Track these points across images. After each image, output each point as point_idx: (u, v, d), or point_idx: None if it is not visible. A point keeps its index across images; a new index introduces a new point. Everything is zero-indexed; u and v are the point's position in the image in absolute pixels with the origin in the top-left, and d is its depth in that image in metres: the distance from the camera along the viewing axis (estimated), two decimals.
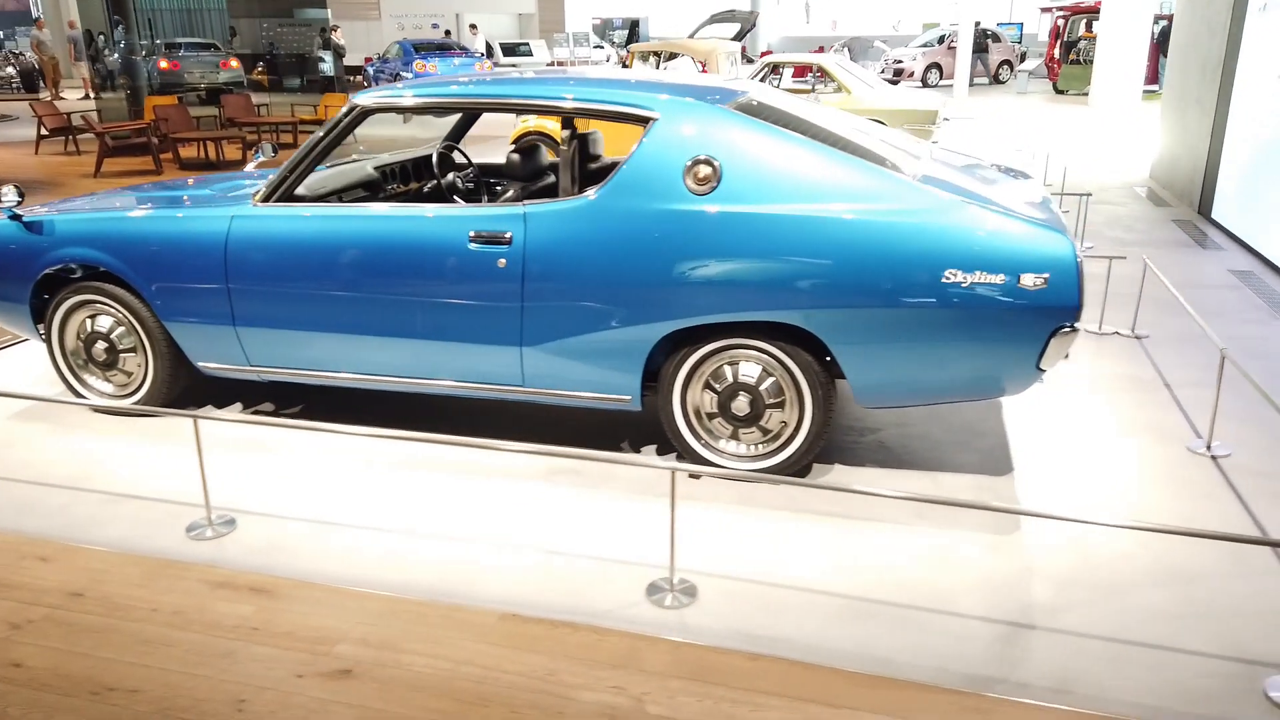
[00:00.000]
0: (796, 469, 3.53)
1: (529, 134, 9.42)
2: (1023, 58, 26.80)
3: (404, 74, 21.95)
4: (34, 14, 30.28)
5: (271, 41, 25.28)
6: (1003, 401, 4.30)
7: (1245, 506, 3.37)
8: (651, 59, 11.07)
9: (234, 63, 20.45)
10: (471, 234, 3.51)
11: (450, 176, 4.43)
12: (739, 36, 22.30)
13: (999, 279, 3.10)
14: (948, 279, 3.13)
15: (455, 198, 4.36)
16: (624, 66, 10.16)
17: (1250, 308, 5.71)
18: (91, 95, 18.31)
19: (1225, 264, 6.75)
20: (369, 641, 2.66)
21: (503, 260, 3.47)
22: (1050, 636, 2.66)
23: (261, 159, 5.07)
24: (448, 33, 26.51)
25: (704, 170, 3.31)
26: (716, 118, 3.40)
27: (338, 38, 20.75)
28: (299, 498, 3.49)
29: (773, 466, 3.52)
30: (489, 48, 24.87)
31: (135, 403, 4.16)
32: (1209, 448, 3.80)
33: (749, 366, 3.45)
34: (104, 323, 4.11)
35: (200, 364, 4.02)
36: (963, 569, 2.99)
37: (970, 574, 2.96)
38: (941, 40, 25.39)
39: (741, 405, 3.48)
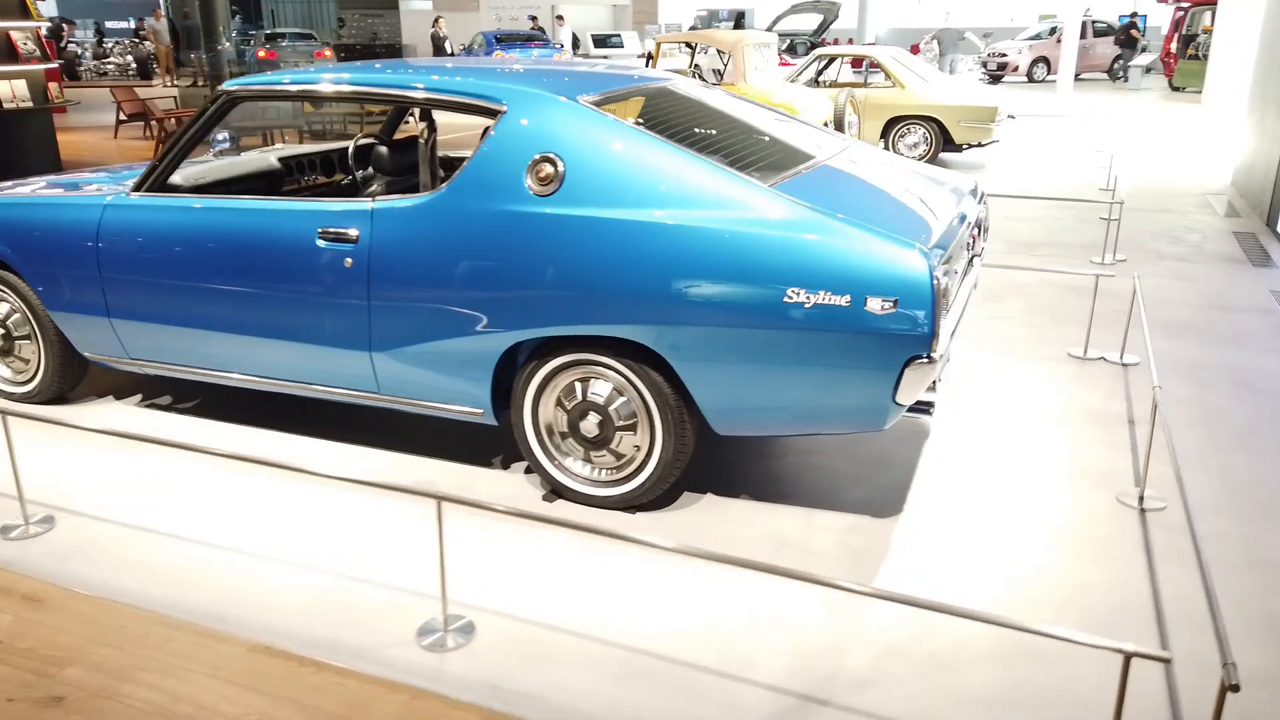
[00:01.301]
0: (649, 499, 3.22)
1: None
2: (1141, 51, 25.27)
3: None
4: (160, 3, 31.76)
5: (374, 32, 25.85)
6: (930, 430, 3.88)
7: (1150, 568, 2.91)
8: (681, 50, 10.71)
9: (327, 52, 20.93)
10: (320, 231, 3.32)
11: (363, 172, 4.25)
12: (821, 29, 21.69)
13: (843, 301, 2.74)
14: (790, 298, 2.78)
15: (366, 195, 4.18)
16: (649, 60, 9.84)
17: (1278, 335, 5.07)
18: (175, 83, 18.98)
19: (1271, 284, 6.05)
20: (103, 666, 2.50)
21: (349, 260, 3.27)
22: (838, 715, 2.30)
23: (223, 146, 5.01)
24: (537, 24, 26.54)
25: (546, 169, 3.03)
26: (564, 112, 3.11)
27: (441, 28, 20.95)
28: (125, 500, 3.36)
29: (625, 495, 3.22)
30: (575, 39, 24.79)
31: (30, 391, 4.14)
32: (1141, 499, 3.32)
33: (601, 385, 3.16)
34: (1, 309, 4.09)
35: (86, 354, 3.96)
36: (776, 628, 2.64)
37: (783, 635, 2.62)
38: (1053, 32, 24.07)
39: (590, 426, 3.19)
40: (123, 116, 13.75)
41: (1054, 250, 6.97)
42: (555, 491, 3.34)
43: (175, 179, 3.84)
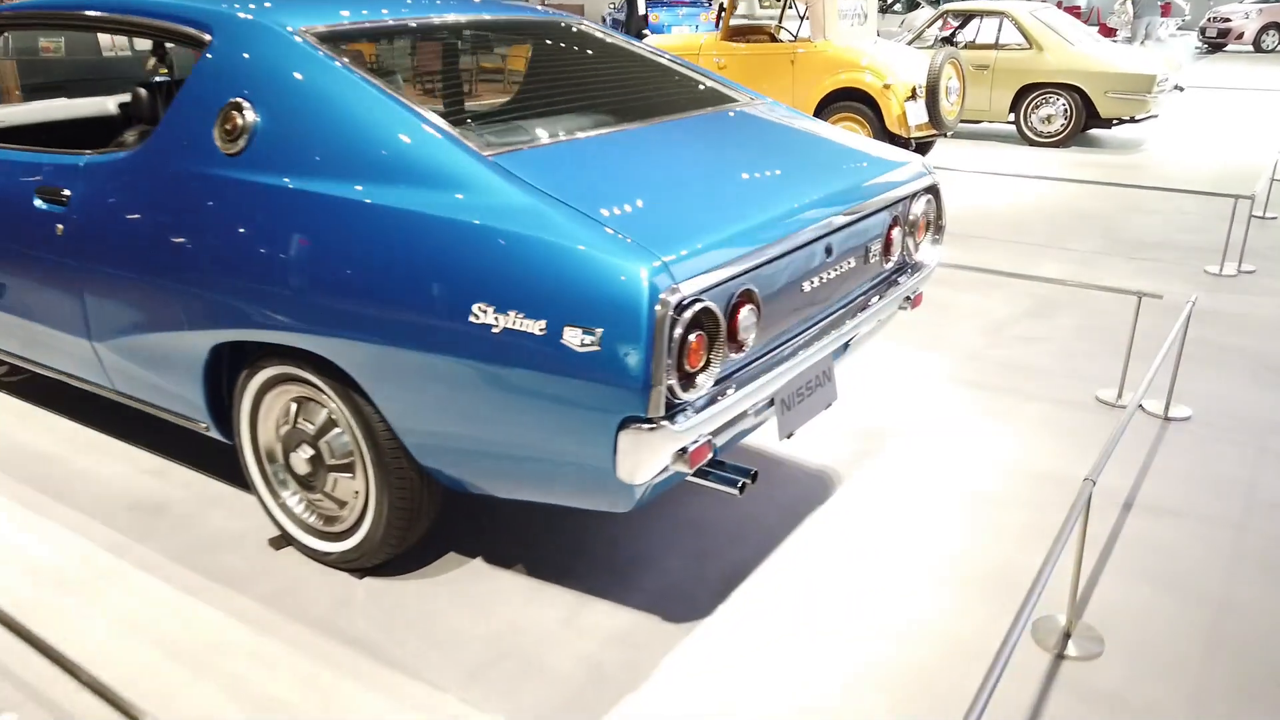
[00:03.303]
0: (374, 562, 2.45)
1: None
2: None
3: (617, 18, 21.11)
4: None
5: None
6: (823, 494, 2.90)
7: None
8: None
9: None
10: (37, 189, 2.71)
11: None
12: None
13: (538, 328, 1.86)
14: (476, 317, 1.92)
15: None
16: (720, 11, 8.78)
17: None
18: None
19: None
20: None
21: (60, 226, 2.64)
22: None
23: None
24: None
25: (235, 120, 2.28)
26: (267, 44, 2.34)
27: None
28: None
29: (344, 555, 2.47)
30: None
31: None
32: (1065, 648, 2.27)
33: (317, 411, 2.40)
34: None
35: None
36: None
37: None
38: None
39: (300, 461, 2.45)
40: None
41: (1165, 253, 5.59)
42: (284, 538, 2.62)
43: None
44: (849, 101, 7.40)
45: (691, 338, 1.85)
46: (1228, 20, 21.34)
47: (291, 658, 2.20)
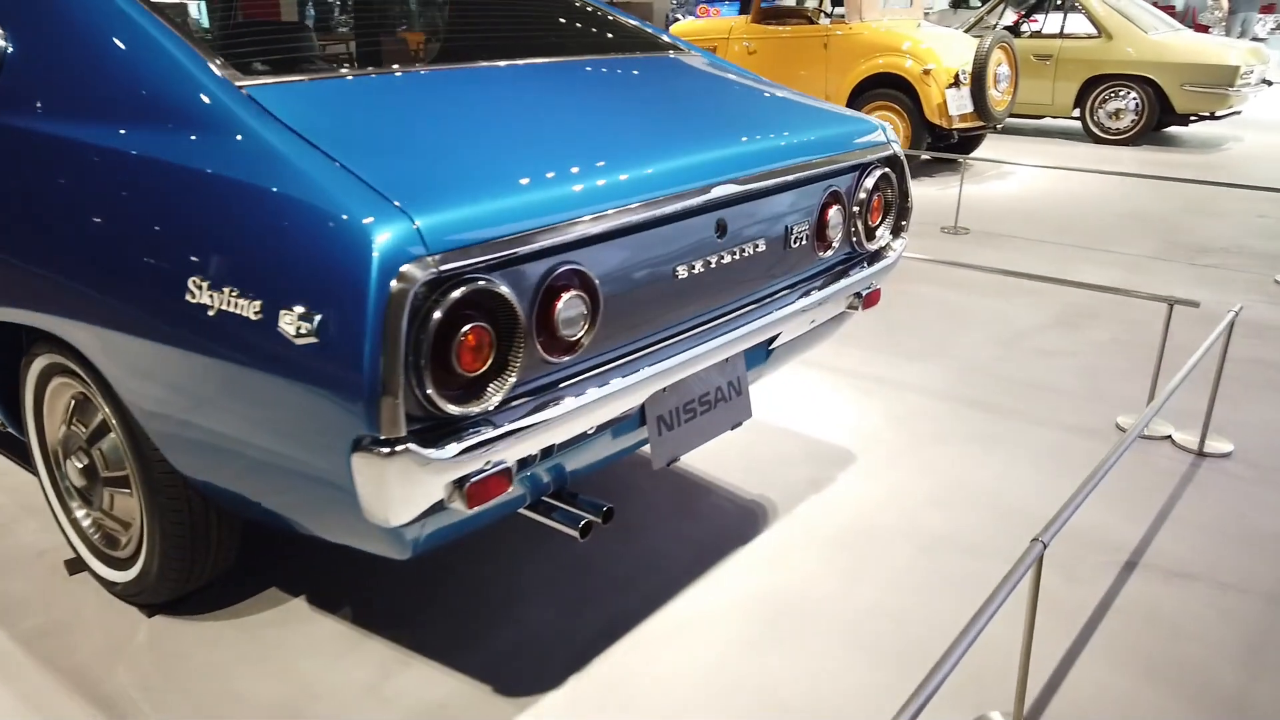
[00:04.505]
0: (160, 599, 2.01)
1: None
2: None
3: (677, 16, 20.57)
4: None
5: None
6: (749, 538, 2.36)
7: None
8: None
9: None
10: None
11: None
12: None
13: (253, 310, 1.38)
14: (193, 294, 1.45)
15: None
16: None
17: None
18: None
19: None
20: None
21: None
22: None
23: None
24: None
25: None
26: None
27: None
28: None
29: (127, 588, 2.03)
30: None
31: None
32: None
33: (92, 410, 1.97)
34: None
35: None
36: None
37: None
38: None
39: (74, 470, 2.02)
40: None
41: (1231, 260, 4.87)
42: (78, 560, 2.19)
43: None
44: (886, 89, 6.77)
45: (465, 331, 1.36)
46: None
47: (18, 715, 1.76)
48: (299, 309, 1.32)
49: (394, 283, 1.27)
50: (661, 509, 2.47)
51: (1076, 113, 8.48)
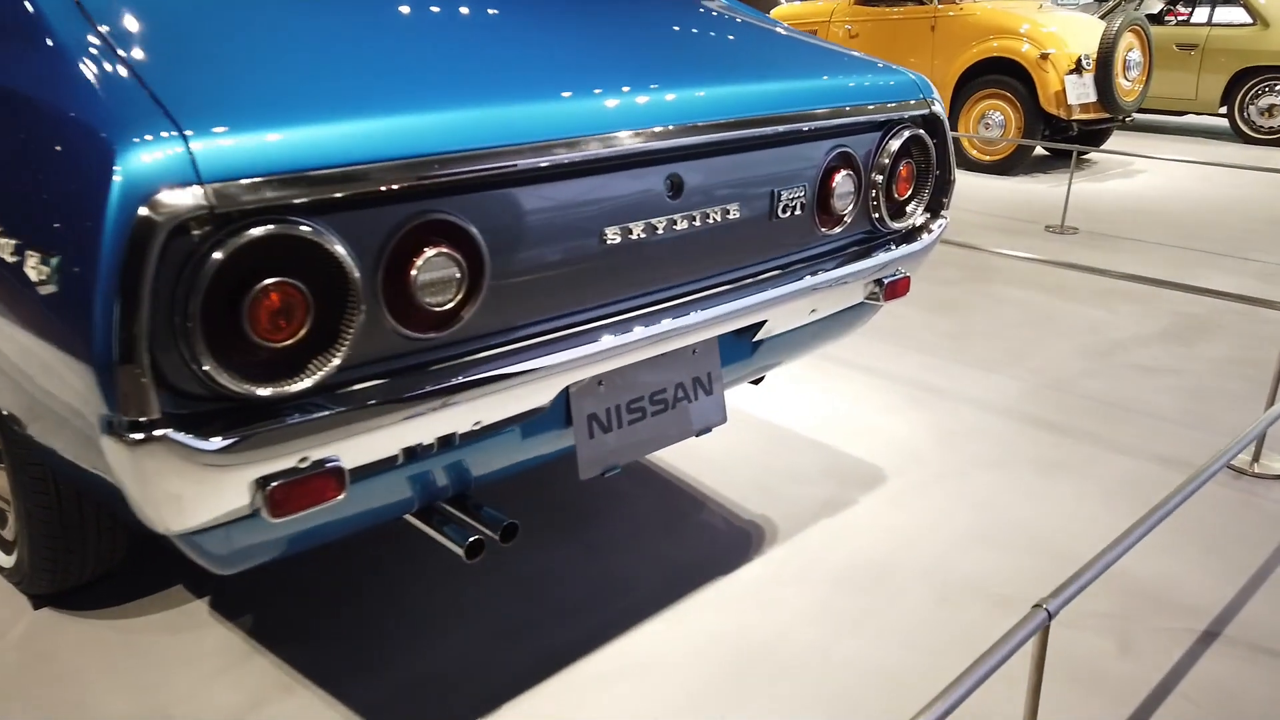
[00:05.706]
0: (46, 590, 1.79)
1: None
2: None
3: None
4: None
5: None
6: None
7: None
8: None
9: None
10: None
11: None
12: None
13: (8, 251, 1.12)
14: None
15: None
16: None
17: None
18: None
19: None
20: None
21: None
22: None
23: None
24: None
25: None
26: None
27: None
28: None
29: (10, 574, 1.82)
30: None
31: None
32: None
33: None
34: None
35: None
36: None
37: None
38: None
39: None
40: None
41: None
42: None
43: None
44: (998, 75, 6.18)
45: (264, 287, 1.05)
46: None
47: None
48: (41, 248, 1.04)
49: (142, 209, 0.96)
50: (639, 523, 2.12)
51: (1224, 110, 7.66)
